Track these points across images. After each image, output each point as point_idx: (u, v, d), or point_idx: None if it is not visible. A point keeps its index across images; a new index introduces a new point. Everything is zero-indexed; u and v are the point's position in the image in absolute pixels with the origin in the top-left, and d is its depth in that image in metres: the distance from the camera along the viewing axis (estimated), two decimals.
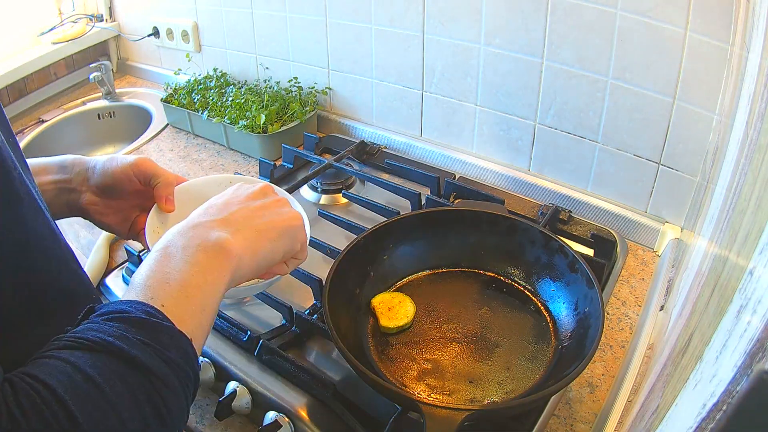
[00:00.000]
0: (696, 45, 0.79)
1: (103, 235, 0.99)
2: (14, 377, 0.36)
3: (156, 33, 1.57)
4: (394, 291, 0.79)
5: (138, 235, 0.69)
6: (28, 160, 0.63)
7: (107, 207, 0.66)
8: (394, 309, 0.73)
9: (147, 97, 1.58)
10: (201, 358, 0.76)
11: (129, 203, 0.68)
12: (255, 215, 0.55)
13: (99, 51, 1.72)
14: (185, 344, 0.43)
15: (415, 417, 0.63)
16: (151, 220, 0.64)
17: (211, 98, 1.30)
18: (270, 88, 1.34)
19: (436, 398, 0.64)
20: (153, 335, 0.41)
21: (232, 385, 0.71)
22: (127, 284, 0.89)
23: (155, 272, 0.46)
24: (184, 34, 1.50)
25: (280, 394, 0.69)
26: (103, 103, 1.57)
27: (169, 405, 0.40)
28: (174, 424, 0.41)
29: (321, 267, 0.81)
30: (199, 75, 1.43)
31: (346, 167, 1.10)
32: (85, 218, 0.66)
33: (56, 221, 0.53)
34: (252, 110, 1.21)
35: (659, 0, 0.79)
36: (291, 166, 1.16)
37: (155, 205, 0.65)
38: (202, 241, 0.49)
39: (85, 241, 1.01)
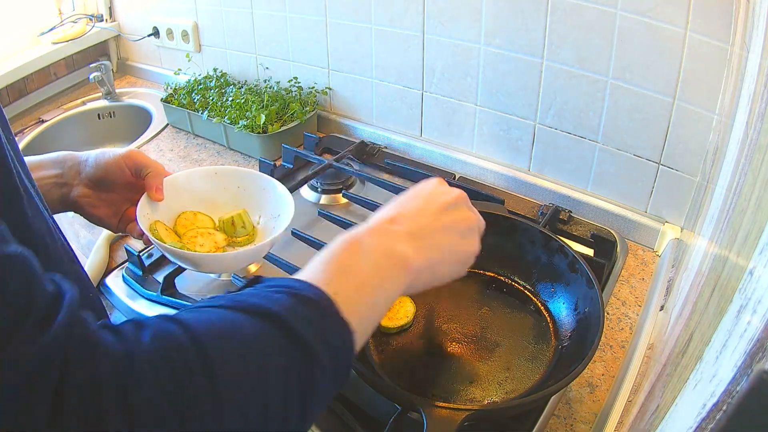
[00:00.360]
0: (696, 45, 0.79)
1: (103, 235, 0.99)
2: (151, 319, 0.36)
3: (156, 33, 1.57)
4: None
5: (127, 226, 0.70)
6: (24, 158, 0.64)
7: (99, 200, 0.68)
8: (394, 309, 0.73)
9: (147, 97, 1.58)
10: None
11: (120, 196, 0.70)
12: (444, 234, 0.53)
13: (99, 51, 1.72)
14: (348, 335, 0.42)
15: (415, 417, 0.63)
16: (142, 206, 0.67)
17: (211, 98, 1.30)
18: (270, 88, 1.34)
19: (436, 398, 0.64)
20: (320, 317, 0.40)
21: None
22: (127, 284, 0.90)
23: (336, 261, 0.46)
24: (184, 34, 1.50)
25: None
26: (103, 103, 1.57)
27: (318, 386, 0.39)
28: (313, 411, 0.40)
29: None
30: (199, 75, 1.43)
31: (346, 167, 1.10)
32: (76, 212, 0.68)
33: (60, 216, 0.54)
34: (252, 110, 1.21)
35: (659, 0, 0.79)
36: (291, 166, 1.16)
37: (145, 194, 0.68)
38: (388, 249, 0.48)
39: (85, 241, 1.01)
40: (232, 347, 0.36)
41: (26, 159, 0.64)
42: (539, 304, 0.75)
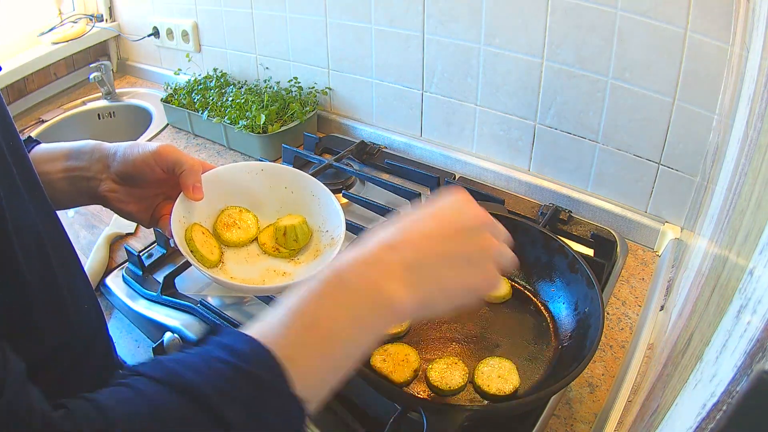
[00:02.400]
0: (696, 45, 0.79)
1: (103, 235, 1.00)
2: (68, 402, 0.35)
3: (156, 33, 1.57)
4: None
5: (160, 222, 0.66)
6: (43, 145, 0.63)
7: (128, 195, 0.63)
8: None
9: (147, 97, 1.58)
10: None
11: (151, 191, 0.65)
12: (449, 266, 0.45)
13: (99, 51, 1.72)
14: (295, 411, 0.38)
15: (415, 417, 0.63)
16: (177, 209, 0.61)
17: (211, 98, 1.30)
18: (270, 88, 1.34)
19: (436, 398, 0.64)
20: (259, 395, 0.37)
21: None
22: (127, 284, 0.90)
23: (304, 310, 0.41)
24: (184, 34, 1.50)
25: None
26: (103, 103, 1.57)
27: None
28: None
29: None
30: (199, 75, 1.43)
31: (346, 167, 1.10)
32: (104, 206, 0.64)
33: (60, 216, 0.53)
34: (252, 110, 1.21)
35: (659, 0, 0.79)
36: (291, 166, 1.15)
37: (181, 194, 0.62)
38: (374, 289, 0.42)
39: (85, 241, 1.02)
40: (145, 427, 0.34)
41: (51, 146, 0.62)
42: (539, 304, 0.75)
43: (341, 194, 1.06)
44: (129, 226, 1.03)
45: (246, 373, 0.37)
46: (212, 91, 1.33)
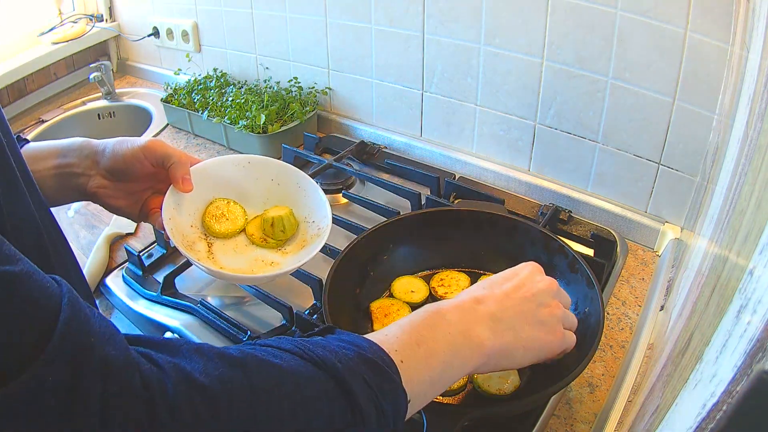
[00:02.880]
0: (696, 45, 0.79)
1: (103, 235, 1.00)
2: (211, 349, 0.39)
3: (156, 33, 1.57)
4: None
5: (149, 216, 0.67)
6: (32, 144, 0.63)
7: (117, 190, 0.64)
8: (390, 316, 0.73)
9: (147, 97, 1.58)
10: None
11: (140, 186, 0.66)
12: (525, 322, 0.54)
13: (99, 51, 1.72)
14: (402, 402, 0.44)
15: (416, 417, 0.63)
16: (167, 201, 0.62)
17: (211, 98, 1.30)
18: (270, 88, 1.34)
19: (437, 398, 0.64)
20: (378, 379, 0.42)
21: None
22: (127, 284, 0.90)
23: (414, 329, 0.48)
24: (184, 34, 1.50)
25: None
26: (103, 103, 1.57)
27: None
28: None
29: (321, 267, 0.81)
30: (199, 75, 1.43)
31: (346, 167, 1.10)
32: (94, 202, 0.65)
33: (60, 216, 0.54)
34: (252, 110, 1.21)
35: (659, 0, 0.79)
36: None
37: (171, 186, 0.63)
38: (467, 328, 0.50)
39: (85, 241, 1.01)
40: (285, 393, 0.38)
41: (41, 144, 0.63)
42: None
43: (341, 194, 1.06)
44: (129, 226, 1.03)
45: (367, 359, 0.43)
46: (212, 91, 1.33)
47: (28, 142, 0.64)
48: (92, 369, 0.32)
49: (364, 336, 0.46)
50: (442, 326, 0.49)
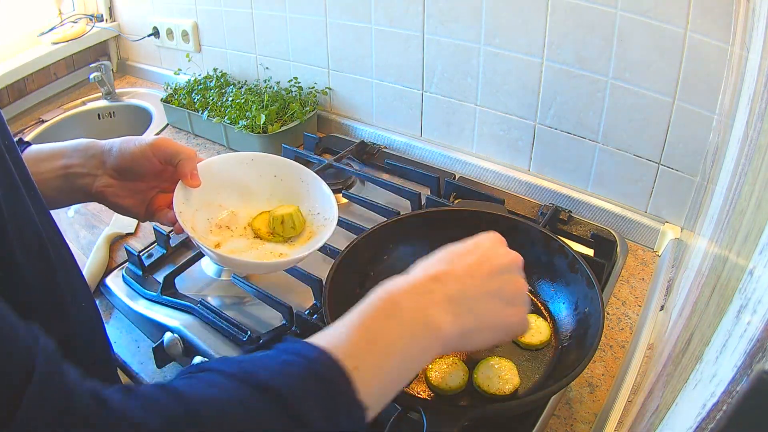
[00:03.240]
0: (696, 45, 0.79)
1: (103, 235, 1.00)
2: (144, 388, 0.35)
3: (156, 33, 1.57)
4: None
5: (155, 214, 0.67)
6: (35, 146, 0.63)
7: (124, 189, 0.65)
8: None
9: (147, 97, 1.58)
10: (201, 358, 0.76)
11: (146, 184, 0.66)
12: (487, 302, 0.50)
13: (99, 51, 1.72)
14: (359, 414, 0.40)
15: (416, 417, 0.63)
16: (177, 195, 0.63)
17: (211, 98, 1.30)
18: (270, 88, 1.34)
19: (437, 398, 0.64)
20: (331, 397, 0.39)
21: None
22: (127, 284, 0.90)
23: (366, 326, 0.45)
24: (184, 34, 1.50)
25: None
26: (103, 103, 1.57)
27: None
28: None
29: (321, 267, 0.81)
30: (199, 75, 1.43)
31: (346, 167, 1.10)
32: (100, 202, 0.65)
33: (60, 217, 0.54)
34: (252, 110, 1.21)
35: (659, 0, 0.79)
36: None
37: (180, 182, 0.64)
38: (425, 316, 0.47)
39: (85, 241, 1.01)
40: (228, 425, 0.35)
41: (43, 146, 0.63)
42: (539, 304, 0.75)
43: (341, 194, 1.06)
44: (129, 226, 1.03)
45: (317, 375, 0.39)
46: (212, 91, 1.33)
47: (29, 144, 0.64)
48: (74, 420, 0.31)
49: (314, 342, 0.42)
50: (396, 317, 0.46)
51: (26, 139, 1.33)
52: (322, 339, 0.43)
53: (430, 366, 0.66)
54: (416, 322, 0.46)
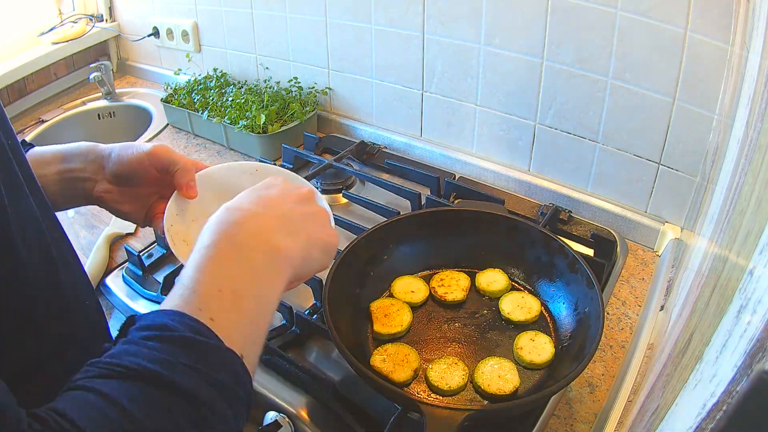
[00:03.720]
0: (696, 45, 0.79)
1: (103, 235, 1.00)
2: (41, 413, 0.33)
3: (156, 33, 1.57)
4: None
5: (153, 221, 0.67)
6: (36, 148, 0.63)
7: (123, 195, 0.64)
8: (390, 316, 0.73)
9: (147, 97, 1.58)
10: None
11: (146, 191, 0.66)
12: (309, 224, 0.52)
13: (99, 51, 1.72)
14: (235, 364, 0.39)
15: (416, 417, 0.63)
16: (170, 207, 0.62)
17: (211, 98, 1.30)
18: (270, 88, 1.34)
19: (437, 398, 0.64)
20: (199, 356, 0.37)
21: None
22: (127, 284, 0.90)
23: (207, 275, 0.42)
24: (184, 34, 1.50)
25: (280, 394, 0.69)
26: (103, 103, 1.57)
27: (218, 429, 0.37)
28: None
29: None
30: (199, 75, 1.43)
31: (346, 167, 1.10)
32: (99, 206, 0.65)
33: (60, 217, 0.54)
34: (252, 110, 1.21)
35: (659, 0, 0.79)
36: (291, 166, 1.16)
37: (175, 192, 0.63)
38: (266, 243, 0.46)
39: (85, 241, 1.01)
40: (114, 425, 0.33)
41: (45, 149, 0.63)
42: (539, 304, 0.75)
43: (341, 194, 1.06)
44: (129, 226, 1.03)
45: (175, 339, 0.37)
46: (212, 91, 1.33)
47: (32, 146, 0.65)
48: None
49: (164, 307, 0.40)
50: (238, 253, 0.44)
51: (26, 139, 1.33)
52: (169, 303, 0.41)
53: (429, 366, 0.66)
54: (257, 251, 0.45)
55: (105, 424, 0.33)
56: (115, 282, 0.92)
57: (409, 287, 0.77)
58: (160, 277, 0.89)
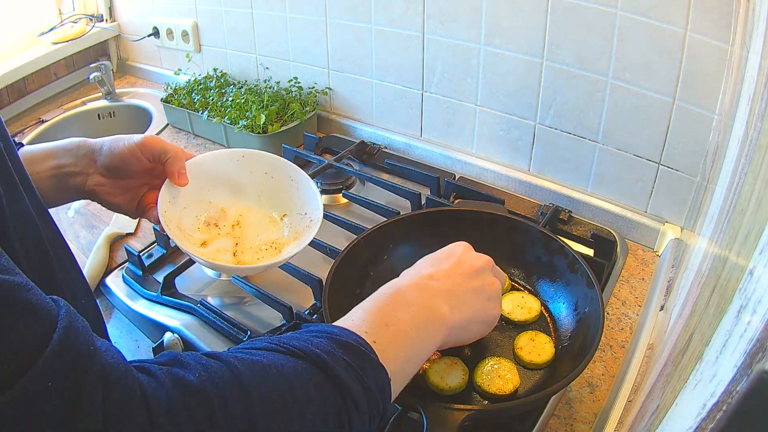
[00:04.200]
0: (696, 45, 0.79)
1: (103, 235, 1.00)
2: (193, 357, 0.38)
3: (156, 33, 1.57)
4: None
5: (145, 212, 0.68)
6: (27, 147, 0.64)
7: (115, 187, 0.66)
8: None
9: (147, 97, 1.58)
10: None
11: (137, 182, 0.67)
12: (474, 296, 0.57)
13: (99, 51, 1.72)
14: (384, 379, 0.44)
15: (415, 417, 0.63)
16: (163, 195, 0.63)
17: (211, 98, 1.30)
18: (270, 88, 1.34)
19: (436, 398, 0.64)
20: (357, 359, 0.43)
21: None
22: (127, 284, 0.90)
23: (377, 310, 0.50)
24: (184, 34, 1.50)
25: None
26: (103, 103, 1.57)
27: (354, 426, 0.41)
28: None
29: (321, 267, 0.81)
30: (199, 75, 1.43)
31: (346, 167, 1.10)
32: (93, 200, 0.66)
33: (60, 217, 0.54)
34: (252, 110, 1.21)
35: (659, 0, 0.79)
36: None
37: (167, 181, 0.64)
38: (427, 303, 0.53)
39: (85, 241, 1.01)
40: (273, 386, 0.38)
41: (36, 147, 0.64)
42: (539, 304, 0.75)
43: (341, 194, 1.06)
44: (129, 226, 1.03)
45: (342, 343, 0.43)
46: (212, 91, 1.33)
47: (22, 145, 0.65)
48: (93, 376, 0.32)
49: (334, 324, 0.47)
50: (404, 304, 0.51)
51: (27, 139, 1.33)
52: (341, 323, 0.48)
53: (429, 366, 0.66)
54: (422, 310, 0.52)
55: (263, 382, 0.38)
56: (115, 282, 0.92)
57: None
58: (160, 277, 0.89)
